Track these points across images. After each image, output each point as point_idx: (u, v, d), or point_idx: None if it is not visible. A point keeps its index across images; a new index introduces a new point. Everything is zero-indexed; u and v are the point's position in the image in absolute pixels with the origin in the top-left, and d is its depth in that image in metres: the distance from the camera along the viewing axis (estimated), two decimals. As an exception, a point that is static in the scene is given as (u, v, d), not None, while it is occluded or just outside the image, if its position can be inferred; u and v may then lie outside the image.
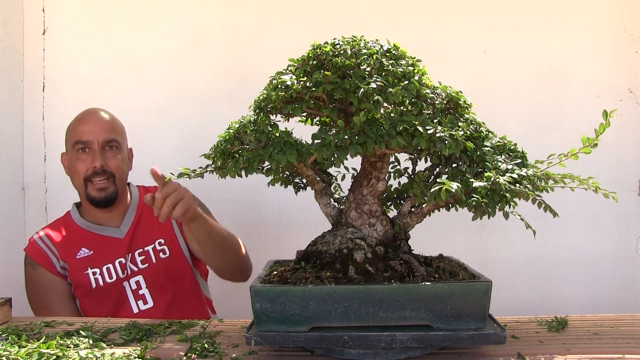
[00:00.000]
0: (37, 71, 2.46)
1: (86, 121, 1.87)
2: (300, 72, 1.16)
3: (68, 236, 1.88)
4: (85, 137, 1.83)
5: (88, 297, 1.83)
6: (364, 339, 1.05)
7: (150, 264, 1.87)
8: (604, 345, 1.17)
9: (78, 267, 1.83)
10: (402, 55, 1.20)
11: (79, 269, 1.83)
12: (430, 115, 1.14)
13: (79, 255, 1.84)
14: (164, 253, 1.88)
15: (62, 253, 1.85)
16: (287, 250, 1.66)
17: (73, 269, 1.83)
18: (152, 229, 1.91)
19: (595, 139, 1.09)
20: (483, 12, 2.46)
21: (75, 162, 1.85)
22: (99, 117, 1.88)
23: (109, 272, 1.83)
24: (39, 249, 1.86)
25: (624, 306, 2.42)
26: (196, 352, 1.14)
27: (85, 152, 1.83)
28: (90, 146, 1.83)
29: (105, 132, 1.85)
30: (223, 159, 1.17)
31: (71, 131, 1.88)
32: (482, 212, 1.06)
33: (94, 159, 1.82)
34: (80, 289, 1.83)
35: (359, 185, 1.24)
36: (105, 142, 1.85)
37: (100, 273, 1.82)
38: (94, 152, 1.83)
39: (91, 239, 1.87)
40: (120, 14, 2.46)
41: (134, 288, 1.85)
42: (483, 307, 1.06)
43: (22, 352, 1.08)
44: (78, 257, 1.84)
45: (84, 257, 1.83)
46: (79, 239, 1.87)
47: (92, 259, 1.83)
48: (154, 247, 1.88)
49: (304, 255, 1.23)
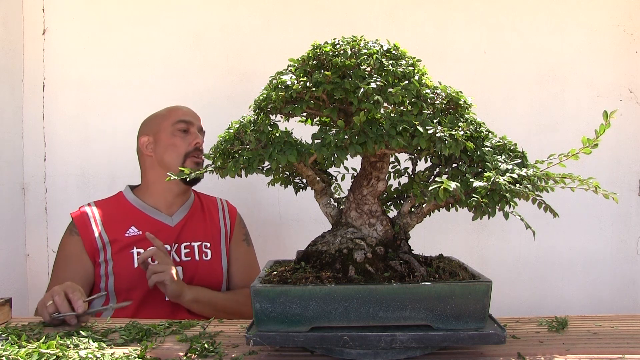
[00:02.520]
0: (37, 71, 2.46)
1: (183, 108, 2.01)
2: (300, 72, 1.16)
3: (119, 213, 1.92)
4: (188, 117, 1.97)
5: (128, 276, 1.82)
6: (364, 339, 1.05)
7: (192, 259, 1.91)
8: (604, 345, 1.17)
9: (125, 244, 1.85)
10: (402, 55, 1.20)
11: (126, 246, 1.85)
12: (430, 115, 1.14)
13: (128, 233, 1.87)
14: (206, 255, 1.94)
15: (109, 227, 1.87)
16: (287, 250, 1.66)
17: (119, 246, 1.85)
18: (201, 230, 1.98)
19: (596, 139, 1.09)
20: (483, 12, 2.46)
21: (174, 138, 1.93)
22: (191, 109, 2.03)
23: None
24: (85, 218, 1.88)
25: (624, 306, 2.42)
26: (196, 352, 1.14)
27: (185, 133, 1.94)
28: (191, 127, 1.96)
29: (199, 121, 2.02)
30: (223, 159, 1.17)
31: (168, 114, 1.98)
32: (482, 212, 1.06)
33: (196, 137, 1.95)
34: (124, 267, 1.83)
35: (359, 185, 1.24)
36: (200, 129, 2.00)
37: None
38: (194, 132, 1.95)
39: (142, 219, 1.91)
40: (120, 14, 2.46)
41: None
42: (483, 307, 1.06)
43: (22, 352, 1.08)
44: (127, 235, 1.86)
45: (133, 236, 1.86)
46: (130, 218, 1.91)
47: (140, 239, 1.86)
48: (200, 246, 1.94)
49: (304, 255, 1.23)
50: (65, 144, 2.46)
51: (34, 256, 2.46)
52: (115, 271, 1.83)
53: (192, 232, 1.95)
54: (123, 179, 2.42)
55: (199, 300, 1.77)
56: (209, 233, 1.98)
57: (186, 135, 1.94)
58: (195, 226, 1.98)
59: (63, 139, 2.47)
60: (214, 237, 1.99)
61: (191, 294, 1.75)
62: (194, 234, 1.95)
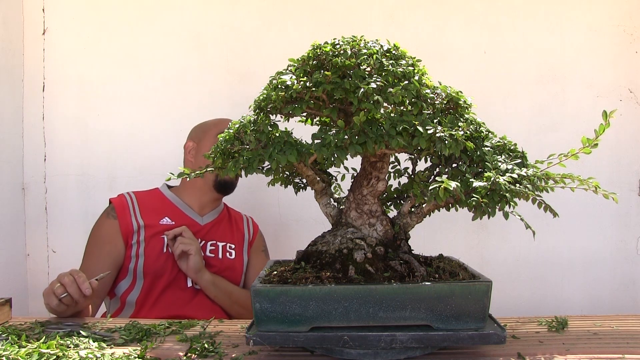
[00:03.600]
0: (37, 71, 2.46)
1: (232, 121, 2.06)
2: (300, 72, 1.16)
3: (155, 204, 2.02)
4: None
5: (157, 258, 1.89)
6: (364, 339, 1.05)
7: (215, 256, 1.99)
8: (604, 345, 1.17)
9: (158, 231, 1.93)
10: (402, 55, 1.20)
11: (158, 232, 1.93)
12: (430, 115, 1.14)
13: (162, 221, 1.96)
14: (230, 255, 2.02)
15: (145, 214, 1.96)
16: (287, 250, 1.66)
17: (152, 231, 1.93)
18: (228, 234, 2.07)
19: (595, 139, 1.09)
20: (483, 12, 2.46)
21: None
22: None
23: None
24: (124, 203, 1.97)
25: (624, 306, 2.42)
26: (196, 352, 1.14)
27: None
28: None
29: None
30: (223, 159, 1.17)
31: (217, 123, 2.05)
32: (482, 212, 1.06)
33: None
34: (153, 249, 1.91)
35: (359, 185, 1.24)
36: None
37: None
38: None
39: (176, 212, 2.00)
40: (120, 14, 2.46)
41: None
42: (483, 307, 1.06)
43: (22, 352, 1.08)
44: (161, 223, 1.95)
45: (166, 225, 1.95)
46: (165, 209, 2.00)
47: (172, 228, 1.93)
48: (225, 246, 2.02)
49: (304, 255, 1.23)
50: (65, 144, 2.46)
51: (34, 256, 2.45)
52: (146, 253, 1.91)
53: (218, 233, 2.04)
54: (123, 179, 2.42)
55: (216, 284, 1.88)
56: (235, 238, 2.09)
57: None
58: (223, 229, 2.07)
59: (63, 139, 2.46)
60: (238, 242, 2.09)
61: (210, 275, 1.87)
62: (221, 235, 2.04)
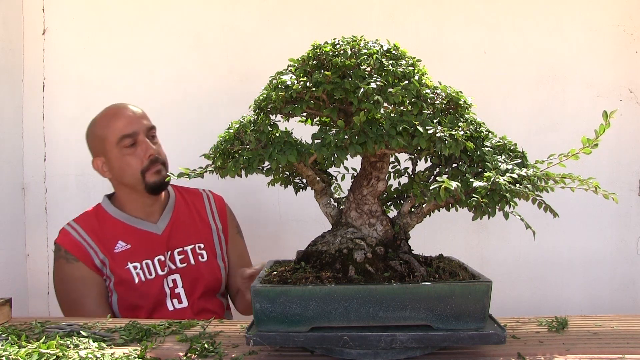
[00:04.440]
0: (37, 71, 2.46)
1: (122, 115, 1.83)
2: (300, 72, 1.16)
3: (103, 228, 1.83)
4: (130, 129, 1.80)
5: (130, 293, 1.78)
6: (364, 339, 1.05)
7: (188, 264, 1.86)
8: (604, 345, 1.17)
9: (118, 262, 1.78)
10: (402, 55, 1.20)
11: (119, 264, 1.78)
12: (430, 115, 1.14)
13: (117, 249, 1.80)
14: (202, 257, 1.88)
15: (101, 245, 1.80)
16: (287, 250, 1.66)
17: (113, 263, 1.79)
18: (191, 231, 1.91)
19: (595, 139, 1.09)
20: (483, 11, 2.46)
21: (124, 158, 1.80)
22: (131, 109, 1.86)
23: (148, 268, 1.80)
24: (75, 241, 1.79)
25: (624, 306, 2.42)
26: (196, 352, 1.14)
27: (134, 146, 1.80)
28: (138, 137, 1.80)
29: (145, 120, 1.85)
30: (223, 159, 1.17)
31: (108, 130, 1.81)
32: (482, 212, 1.06)
33: (147, 147, 1.80)
34: (124, 284, 1.78)
35: (359, 185, 1.24)
36: (148, 130, 1.83)
37: (141, 268, 1.79)
38: (143, 142, 1.80)
39: (128, 232, 1.83)
40: (121, 14, 2.46)
41: (170, 286, 1.82)
42: (483, 307, 1.06)
43: (22, 352, 1.08)
44: (116, 251, 1.80)
45: (122, 251, 1.80)
46: (115, 232, 1.83)
47: (131, 253, 1.80)
48: (193, 249, 1.88)
49: (304, 255, 1.23)
50: (65, 144, 2.46)
51: (34, 256, 2.45)
52: (117, 289, 1.78)
53: (181, 235, 1.88)
54: (123, 179, 2.42)
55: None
56: (201, 233, 1.92)
57: (136, 149, 1.80)
58: (184, 229, 1.90)
59: (63, 139, 2.46)
60: (206, 237, 1.93)
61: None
62: (185, 238, 1.88)
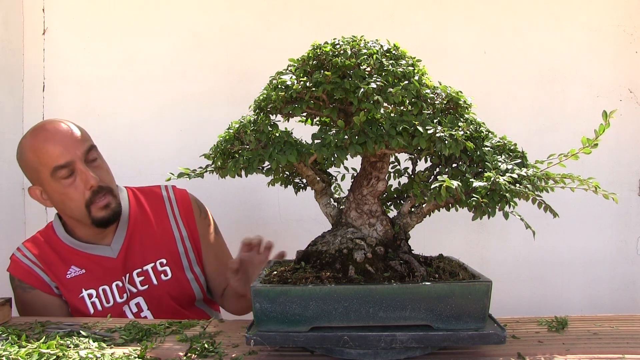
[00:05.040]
0: (37, 71, 2.46)
1: (52, 140, 1.59)
2: (300, 72, 1.16)
3: (54, 253, 1.68)
4: (63, 158, 1.58)
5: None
6: (364, 339, 1.05)
7: (150, 285, 1.71)
8: (604, 345, 1.17)
9: (71, 288, 1.64)
10: (402, 55, 1.20)
11: (72, 291, 1.64)
12: (430, 115, 1.14)
13: (69, 274, 1.65)
14: (165, 275, 1.72)
15: (50, 272, 1.65)
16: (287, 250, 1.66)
17: (66, 291, 1.64)
18: (151, 246, 1.74)
19: (595, 139, 1.09)
20: (483, 12, 2.46)
21: (63, 190, 1.61)
22: (62, 130, 1.61)
23: (105, 294, 1.66)
24: (27, 269, 1.66)
25: (624, 306, 2.42)
26: (196, 352, 1.14)
27: (71, 177, 1.60)
28: (74, 166, 1.60)
29: (80, 143, 1.62)
30: (223, 159, 1.17)
31: (39, 159, 1.61)
32: (482, 212, 1.06)
33: (87, 178, 1.60)
34: (77, 313, 1.65)
35: (359, 185, 1.24)
36: (85, 154, 1.62)
37: (97, 295, 1.66)
38: (80, 171, 1.60)
39: (80, 257, 1.68)
40: (121, 14, 2.46)
41: (134, 311, 1.69)
42: (483, 307, 1.06)
43: (22, 352, 1.08)
44: (68, 277, 1.65)
45: (76, 277, 1.65)
46: (67, 256, 1.68)
47: (85, 279, 1.65)
48: (154, 267, 1.72)
49: (304, 255, 1.23)
50: (65, 144, 2.46)
51: (34, 256, 2.45)
52: (74, 315, 1.65)
53: (139, 254, 1.72)
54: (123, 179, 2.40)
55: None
56: (162, 248, 1.74)
57: (74, 180, 1.60)
58: (142, 247, 1.73)
59: (63, 139, 2.46)
60: (169, 250, 1.75)
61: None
62: (143, 257, 1.72)
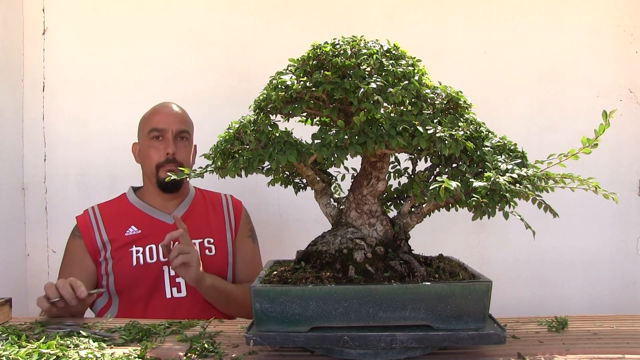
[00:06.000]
0: (37, 71, 2.46)
1: (161, 112, 1.96)
2: (300, 72, 1.16)
3: (120, 213, 1.95)
4: (160, 125, 1.92)
5: (127, 274, 1.84)
6: (364, 339, 1.05)
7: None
8: (604, 345, 1.17)
9: (124, 244, 1.88)
10: (402, 55, 1.20)
11: (125, 245, 1.87)
12: (430, 115, 1.14)
13: (128, 232, 1.89)
14: (209, 251, 1.93)
15: (110, 228, 1.90)
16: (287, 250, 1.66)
17: (118, 245, 1.87)
18: (204, 225, 1.98)
19: (595, 139, 1.09)
20: (483, 12, 2.46)
21: (148, 149, 1.92)
22: (173, 109, 1.98)
23: (150, 252, 1.87)
24: (87, 221, 1.92)
25: (624, 306, 2.42)
26: (196, 352, 1.14)
27: (159, 140, 1.91)
28: (165, 134, 1.91)
29: (179, 123, 1.95)
30: (223, 159, 1.17)
31: (146, 121, 1.97)
32: (482, 212, 1.06)
33: (167, 146, 1.90)
34: (121, 265, 1.85)
35: (359, 185, 1.24)
36: (178, 132, 1.93)
37: (142, 252, 1.87)
38: (167, 140, 1.91)
39: (142, 218, 1.93)
40: (121, 14, 2.46)
41: (172, 274, 1.86)
42: (483, 307, 1.06)
43: (22, 352, 1.08)
44: (127, 235, 1.89)
45: (132, 235, 1.89)
46: (130, 217, 1.93)
47: (139, 238, 1.89)
48: (202, 243, 1.93)
49: (304, 255, 1.23)
50: (65, 144, 2.46)
51: (34, 256, 2.45)
52: (114, 270, 1.85)
53: (192, 228, 1.90)
54: (123, 179, 2.42)
55: (216, 287, 1.77)
56: (213, 227, 1.98)
57: (160, 144, 1.92)
58: (197, 222, 1.96)
59: (63, 139, 2.46)
60: (218, 232, 1.99)
61: (210, 279, 1.75)
62: (196, 231, 1.93)
